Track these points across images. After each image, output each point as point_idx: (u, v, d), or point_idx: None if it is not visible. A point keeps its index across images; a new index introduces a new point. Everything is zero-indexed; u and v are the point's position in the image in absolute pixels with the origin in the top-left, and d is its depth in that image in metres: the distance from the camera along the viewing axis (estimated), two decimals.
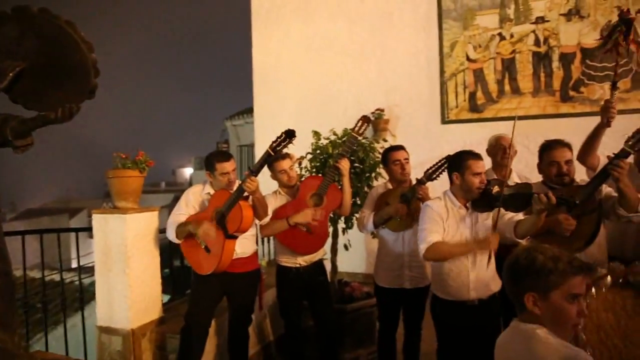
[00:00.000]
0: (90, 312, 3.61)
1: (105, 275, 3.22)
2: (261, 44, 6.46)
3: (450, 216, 2.52)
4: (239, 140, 12.03)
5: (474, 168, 2.46)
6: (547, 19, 5.13)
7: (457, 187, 2.53)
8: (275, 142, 2.70)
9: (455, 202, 2.54)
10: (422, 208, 2.60)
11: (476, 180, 2.44)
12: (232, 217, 2.76)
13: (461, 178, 2.49)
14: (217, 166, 2.88)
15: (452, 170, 2.55)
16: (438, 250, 2.42)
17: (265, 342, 3.83)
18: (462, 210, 2.54)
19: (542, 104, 5.15)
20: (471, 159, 2.48)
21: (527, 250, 1.50)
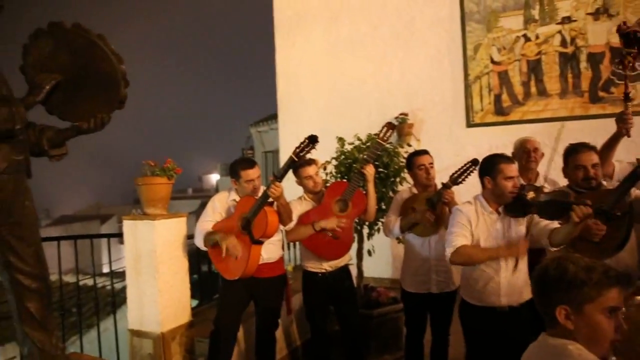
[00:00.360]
0: (120, 315, 3.71)
1: (136, 280, 3.30)
2: (284, 51, 6.53)
3: (480, 221, 2.47)
4: (263, 147, 12.15)
5: (507, 172, 2.40)
6: (573, 19, 5.03)
7: (489, 191, 2.47)
8: (298, 148, 2.72)
9: (486, 207, 2.48)
10: (452, 211, 2.57)
11: (509, 184, 2.38)
12: (257, 222, 2.79)
13: (493, 182, 2.43)
14: (242, 173, 2.92)
15: (484, 175, 2.49)
16: (464, 254, 2.38)
17: (292, 346, 3.85)
18: (494, 215, 2.48)
19: (570, 106, 5.04)
20: (503, 163, 2.42)
21: (557, 260, 1.40)
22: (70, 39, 2.13)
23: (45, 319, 2.28)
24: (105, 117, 2.22)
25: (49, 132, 2.26)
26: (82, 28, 2.12)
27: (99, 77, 2.15)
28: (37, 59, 2.17)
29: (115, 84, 2.15)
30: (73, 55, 2.15)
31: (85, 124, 2.21)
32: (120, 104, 2.22)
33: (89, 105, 2.21)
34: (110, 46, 2.12)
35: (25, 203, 2.19)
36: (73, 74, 2.18)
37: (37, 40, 2.16)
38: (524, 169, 3.20)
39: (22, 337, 2.26)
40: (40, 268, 2.25)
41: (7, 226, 2.11)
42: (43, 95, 2.12)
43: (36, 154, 2.28)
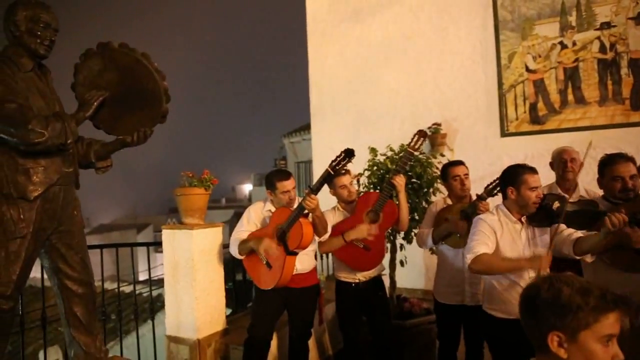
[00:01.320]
0: (157, 322, 3.82)
1: (173, 288, 3.41)
2: (317, 62, 6.62)
3: (505, 231, 2.44)
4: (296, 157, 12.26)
5: (530, 182, 2.37)
6: (613, 24, 4.90)
7: (512, 202, 2.44)
8: (334, 161, 2.73)
9: (510, 217, 2.45)
10: (474, 220, 2.53)
11: (532, 194, 2.36)
12: (292, 234, 2.82)
13: (517, 192, 2.41)
14: (278, 185, 2.95)
15: (507, 185, 2.47)
16: (484, 262, 2.33)
17: (325, 355, 3.87)
18: (518, 225, 2.45)
19: (610, 113, 4.89)
20: (527, 173, 2.40)
21: (549, 280, 1.29)
22: (117, 57, 2.26)
23: (90, 323, 2.39)
24: (148, 131, 2.33)
25: (95, 146, 2.40)
26: (127, 47, 2.25)
27: (143, 93, 2.27)
28: (86, 77, 2.31)
29: (158, 100, 2.27)
30: (119, 72, 2.28)
31: (129, 138, 2.33)
32: (162, 119, 2.33)
33: (133, 120, 2.33)
34: (153, 64, 2.24)
35: (74, 213, 2.32)
36: (119, 90, 2.30)
37: (87, 60, 2.30)
38: (562, 179, 3.14)
39: (69, 340, 2.38)
40: (86, 274, 2.37)
41: (57, 234, 2.24)
42: (92, 111, 2.25)
43: (84, 166, 2.42)
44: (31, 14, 2.10)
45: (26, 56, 2.13)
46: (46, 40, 2.15)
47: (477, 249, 2.36)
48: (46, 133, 1.99)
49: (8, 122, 1.96)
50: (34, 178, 2.09)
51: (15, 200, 2.06)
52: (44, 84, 2.22)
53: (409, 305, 3.79)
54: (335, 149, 2.80)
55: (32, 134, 1.96)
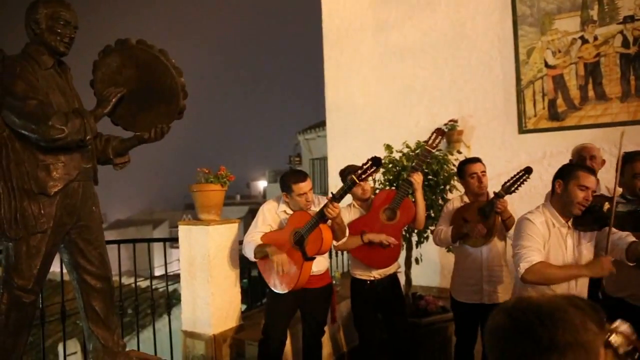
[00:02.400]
0: (173, 317, 3.86)
1: (190, 283, 3.43)
2: (333, 58, 6.59)
3: (552, 235, 2.26)
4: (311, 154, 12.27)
5: (582, 180, 2.19)
6: (637, 18, 4.78)
7: (558, 197, 2.27)
8: (361, 170, 2.63)
9: (558, 219, 2.28)
10: (521, 221, 2.34)
11: (580, 194, 2.18)
12: (311, 240, 2.75)
13: (564, 186, 2.24)
14: (294, 187, 2.85)
15: (557, 177, 2.30)
16: (542, 273, 2.14)
17: (339, 352, 3.86)
18: (564, 229, 2.29)
19: (633, 109, 4.78)
20: (582, 171, 2.23)
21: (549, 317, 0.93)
22: (135, 54, 2.27)
23: (108, 317, 2.42)
24: (165, 128, 2.35)
25: (114, 142, 2.42)
26: (145, 44, 2.26)
27: (161, 89, 2.28)
28: (105, 74, 2.33)
29: (175, 96, 2.27)
30: (137, 69, 2.29)
31: (146, 134, 2.35)
32: (179, 115, 2.34)
33: (150, 116, 2.34)
34: (171, 60, 2.25)
35: (93, 208, 2.35)
36: (137, 87, 2.32)
37: (105, 57, 2.32)
38: None
39: (88, 334, 2.41)
40: (104, 269, 2.40)
41: (76, 229, 2.27)
42: (110, 107, 2.27)
43: (102, 162, 2.44)
44: (51, 12, 2.12)
45: (47, 54, 2.15)
46: (66, 37, 2.17)
47: (531, 258, 2.17)
48: (66, 129, 2.01)
49: (29, 118, 1.98)
50: (54, 174, 2.12)
51: (36, 195, 2.09)
52: (64, 81, 2.25)
53: (425, 303, 3.76)
54: (350, 146, 2.80)
55: (52, 131, 1.99)
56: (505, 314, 0.99)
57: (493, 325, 1.00)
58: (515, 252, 2.26)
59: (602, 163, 3.12)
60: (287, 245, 2.84)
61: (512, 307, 1.00)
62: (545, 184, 4.28)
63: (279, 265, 2.78)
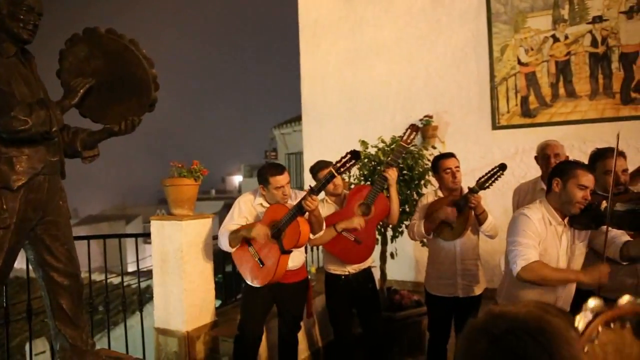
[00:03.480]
0: (145, 314, 3.78)
1: (162, 279, 3.37)
2: (309, 53, 6.56)
3: (548, 233, 2.22)
4: (287, 149, 12.22)
5: (581, 179, 2.14)
6: (605, 18, 4.91)
7: (555, 196, 2.23)
8: (339, 163, 2.61)
9: (555, 217, 2.23)
10: (518, 216, 2.28)
11: (580, 193, 2.14)
12: (289, 233, 2.73)
13: (562, 185, 2.19)
14: (271, 180, 2.82)
15: (555, 175, 2.25)
16: (538, 272, 2.09)
17: (314, 347, 3.86)
18: (560, 227, 2.24)
19: (601, 107, 4.92)
20: (580, 169, 2.18)
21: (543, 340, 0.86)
22: (104, 43, 2.20)
23: (77, 315, 2.35)
24: (136, 120, 2.28)
25: (82, 134, 2.34)
26: (115, 33, 2.18)
27: (131, 80, 2.21)
28: (72, 63, 2.24)
29: (147, 88, 2.21)
30: (107, 59, 2.21)
31: (116, 127, 2.28)
32: (150, 107, 2.27)
33: (120, 108, 2.27)
34: (142, 51, 2.18)
35: (60, 203, 2.27)
36: (106, 77, 2.24)
37: (72, 46, 2.23)
38: (545, 175, 3.14)
39: (55, 333, 2.33)
40: (72, 266, 2.32)
41: (42, 225, 2.19)
42: (78, 98, 2.19)
43: (70, 155, 2.35)
44: None
45: (8, 41, 2.05)
46: (29, 24, 2.07)
47: (529, 255, 2.12)
48: (30, 121, 1.93)
49: None
50: (18, 167, 2.03)
51: None
52: (28, 70, 2.15)
53: (399, 298, 3.79)
54: (326, 140, 2.78)
55: (15, 122, 1.90)
56: (490, 338, 0.88)
57: (478, 354, 0.88)
58: (510, 248, 2.21)
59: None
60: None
61: (494, 327, 0.89)
62: (517, 179, 4.37)
63: (258, 235, 2.74)
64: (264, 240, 2.78)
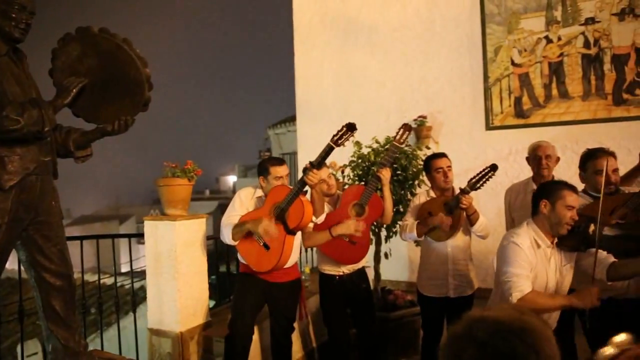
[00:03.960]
0: (139, 314, 3.76)
1: (156, 280, 3.35)
2: (304, 53, 6.56)
3: (538, 257, 2.24)
4: (281, 149, 12.21)
5: (568, 199, 2.17)
6: (597, 20, 4.95)
7: (543, 218, 2.24)
8: (336, 136, 2.67)
9: (544, 240, 2.25)
10: (507, 246, 2.27)
11: (568, 213, 2.16)
12: (292, 211, 2.71)
13: (550, 207, 2.21)
14: (272, 170, 2.85)
15: (542, 197, 2.26)
16: (534, 303, 2.10)
17: (308, 348, 3.86)
18: (549, 250, 2.27)
19: (593, 108, 4.96)
20: (566, 190, 2.21)
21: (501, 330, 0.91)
22: (97, 43, 2.19)
23: (69, 316, 2.33)
24: (129, 120, 2.27)
25: (75, 134, 2.32)
26: (108, 32, 2.17)
27: (124, 80, 2.20)
28: (65, 62, 2.23)
29: (140, 87, 2.20)
30: (100, 59, 2.20)
31: (110, 127, 2.26)
32: (144, 107, 2.27)
33: (113, 108, 2.26)
34: (135, 50, 2.17)
35: (52, 203, 2.25)
36: (99, 77, 2.23)
37: (65, 45, 2.22)
38: (537, 175, 3.16)
39: (47, 334, 2.32)
40: (65, 266, 2.30)
41: (34, 225, 2.17)
42: (70, 98, 2.18)
43: (62, 155, 2.34)
44: None
45: (0, 40, 2.04)
46: (21, 23, 2.06)
47: (523, 287, 2.13)
48: (22, 120, 1.91)
49: None
50: (9, 167, 2.01)
51: None
52: (20, 69, 2.14)
53: (393, 298, 3.80)
54: (320, 140, 2.76)
55: (6, 121, 1.89)
56: (477, 344, 0.90)
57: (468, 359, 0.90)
58: (503, 279, 2.21)
59: (556, 161, 3.20)
60: None
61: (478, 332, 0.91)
62: (510, 179, 4.39)
63: (267, 230, 2.68)
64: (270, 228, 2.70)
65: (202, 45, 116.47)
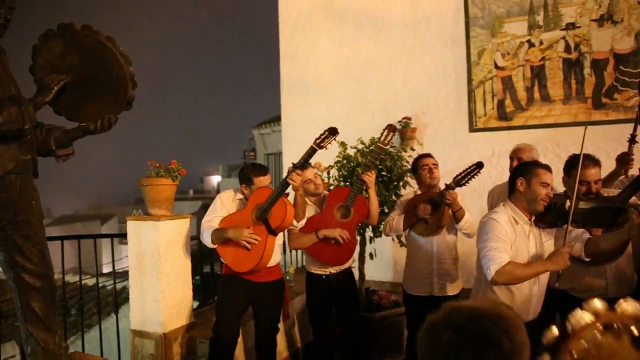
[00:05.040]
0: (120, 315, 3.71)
1: (139, 281, 3.31)
2: (288, 53, 6.55)
3: (517, 233, 2.28)
4: (266, 149, 12.17)
5: (543, 177, 2.25)
6: (578, 25, 5.04)
7: (520, 195, 2.30)
8: (319, 139, 2.74)
9: (521, 217, 2.30)
10: (486, 222, 2.32)
11: (543, 190, 2.23)
12: (275, 212, 2.72)
13: (526, 184, 2.27)
14: (255, 180, 2.85)
15: (518, 175, 2.33)
16: (512, 274, 2.13)
17: (293, 348, 3.86)
18: (527, 226, 2.32)
19: (574, 112, 5.05)
20: (541, 168, 2.29)
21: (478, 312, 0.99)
22: (80, 40, 2.15)
23: (49, 318, 2.29)
24: (112, 118, 2.24)
25: (56, 133, 2.28)
26: (91, 29, 2.14)
27: (108, 78, 2.17)
28: (46, 59, 2.19)
29: (124, 86, 2.17)
30: (82, 56, 2.17)
31: (92, 125, 2.23)
32: (127, 106, 2.24)
33: (96, 106, 2.23)
34: (119, 48, 2.14)
35: (32, 202, 2.21)
36: (82, 75, 2.19)
37: (47, 41, 2.18)
38: None
39: (26, 336, 2.27)
40: (45, 267, 2.26)
41: (13, 225, 2.13)
42: (52, 95, 2.14)
43: (43, 153, 2.30)
44: None
45: None
46: (0, 18, 2.02)
47: (501, 259, 2.15)
48: (1, 118, 1.87)
49: None
50: None
51: None
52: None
53: (378, 298, 3.82)
54: (305, 141, 2.77)
55: None
56: (454, 328, 0.96)
57: (446, 343, 0.96)
58: (483, 253, 2.24)
59: None
60: (249, 223, 2.79)
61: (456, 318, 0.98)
62: (493, 180, 4.45)
63: (249, 240, 2.72)
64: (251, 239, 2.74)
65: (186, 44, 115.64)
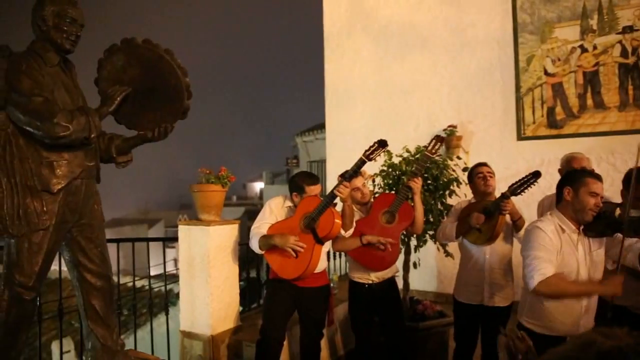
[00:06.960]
0: (170, 316, 3.84)
1: (189, 283, 3.43)
2: (333, 61, 6.62)
3: (563, 242, 2.22)
4: (309, 156, 12.29)
5: (592, 186, 2.18)
6: (636, 28, 4.83)
7: (567, 204, 2.24)
8: (368, 151, 2.76)
9: (568, 225, 2.24)
10: (531, 230, 2.29)
11: (591, 200, 2.16)
12: (322, 222, 2.77)
13: (573, 194, 2.21)
14: (307, 189, 2.91)
15: (566, 184, 2.26)
16: (555, 287, 2.10)
17: (336, 355, 3.87)
18: (575, 235, 2.24)
19: (630, 119, 4.83)
20: (590, 177, 2.22)
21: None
22: (141, 53, 2.28)
23: (108, 315, 2.42)
24: (169, 127, 2.35)
25: (117, 140, 2.42)
26: (151, 43, 2.27)
27: (165, 89, 2.29)
28: (110, 72, 2.34)
29: (180, 96, 2.28)
30: (143, 68, 2.30)
31: (150, 133, 2.35)
32: (183, 115, 2.35)
33: (154, 116, 2.35)
34: (176, 60, 2.26)
35: (95, 206, 2.35)
36: (142, 86, 2.32)
37: (110, 55, 2.33)
38: None
39: (87, 332, 2.41)
40: (105, 267, 2.40)
41: (78, 227, 2.27)
42: (115, 106, 2.28)
43: (104, 160, 2.44)
44: (58, 9, 2.13)
45: (52, 51, 2.16)
46: (72, 35, 2.18)
47: (545, 270, 2.11)
48: (71, 127, 2.01)
49: (34, 115, 1.99)
50: (58, 171, 2.12)
51: (39, 192, 2.09)
52: (69, 79, 2.25)
53: (422, 308, 3.77)
54: (349, 148, 2.81)
55: (57, 128, 1.99)
56: None
57: None
58: (526, 262, 2.21)
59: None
60: (297, 231, 2.84)
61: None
62: (542, 191, 4.29)
63: (294, 248, 2.77)
64: (297, 246, 2.79)
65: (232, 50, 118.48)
